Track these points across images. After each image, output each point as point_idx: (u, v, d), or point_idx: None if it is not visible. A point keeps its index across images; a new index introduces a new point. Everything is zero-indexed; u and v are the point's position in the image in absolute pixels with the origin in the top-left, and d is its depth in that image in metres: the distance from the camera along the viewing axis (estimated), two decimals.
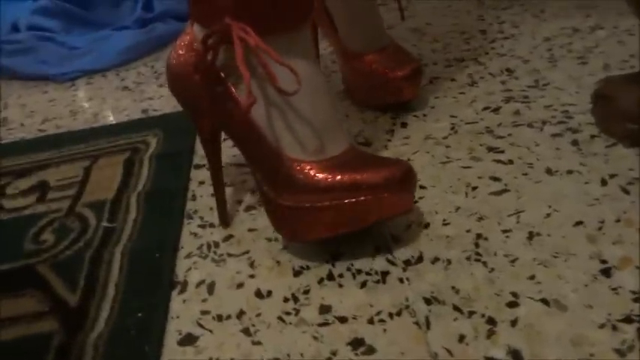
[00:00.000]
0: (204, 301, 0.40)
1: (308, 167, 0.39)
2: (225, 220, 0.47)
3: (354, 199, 0.38)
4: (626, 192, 0.44)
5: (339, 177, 0.38)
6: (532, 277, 0.38)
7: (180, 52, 0.43)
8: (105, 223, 0.49)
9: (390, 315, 0.37)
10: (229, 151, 0.58)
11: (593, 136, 0.51)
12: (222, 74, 0.41)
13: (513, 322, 0.35)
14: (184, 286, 0.42)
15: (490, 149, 0.52)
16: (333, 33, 0.58)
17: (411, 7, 0.89)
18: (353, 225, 0.39)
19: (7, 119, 0.75)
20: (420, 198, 0.47)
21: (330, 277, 0.40)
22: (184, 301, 0.40)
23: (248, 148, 0.42)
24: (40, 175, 0.59)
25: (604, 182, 0.45)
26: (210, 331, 0.38)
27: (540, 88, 0.61)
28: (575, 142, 0.51)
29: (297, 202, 0.39)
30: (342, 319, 0.37)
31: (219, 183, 0.46)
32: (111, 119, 0.69)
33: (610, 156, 0.48)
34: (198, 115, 0.44)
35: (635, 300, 0.35)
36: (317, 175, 0.39)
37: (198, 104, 0.43)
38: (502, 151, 0.51)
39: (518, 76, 0.64)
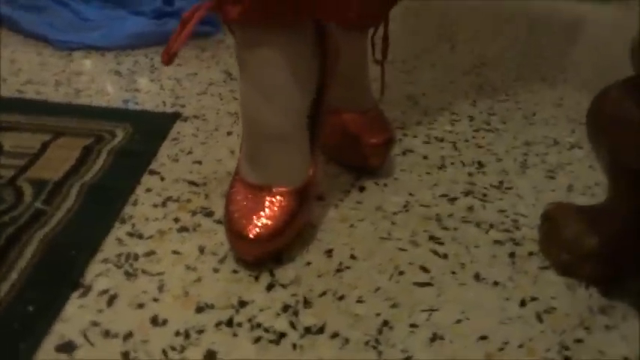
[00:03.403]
0: (99, 311, 0.40)
1: None
2: None
3: None
4: (540, 320, 0.44)
5: None
6: None
7: None
8: (38, 204, 0.49)
9: None
10: (186, 166, 0.58)
11: (531, 254, 0.52)
12: None
13: None
14: (87, 291, 0.41)
15: (431, 238, 0.52)
16: None
17: (417, 73, 0.91)
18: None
19: None
20: (347, 268, 0.47)
21: (229, 323, 0.40)
22: (81, 306, 0.40)
23: None
24: None
25: (523, 303, 0.45)
26: (92, 344, 0.37)
27: (503, 190, 0.62)
28: (512, 255, 0.51)
29: None
30: None
31: None
32: (90, 100, 0.70)
33: (539, 278, 0.49)
34: None
35: None
36: None
37: None
38: (442, 243, 0.52)
39: (487, 172, 0.65)
